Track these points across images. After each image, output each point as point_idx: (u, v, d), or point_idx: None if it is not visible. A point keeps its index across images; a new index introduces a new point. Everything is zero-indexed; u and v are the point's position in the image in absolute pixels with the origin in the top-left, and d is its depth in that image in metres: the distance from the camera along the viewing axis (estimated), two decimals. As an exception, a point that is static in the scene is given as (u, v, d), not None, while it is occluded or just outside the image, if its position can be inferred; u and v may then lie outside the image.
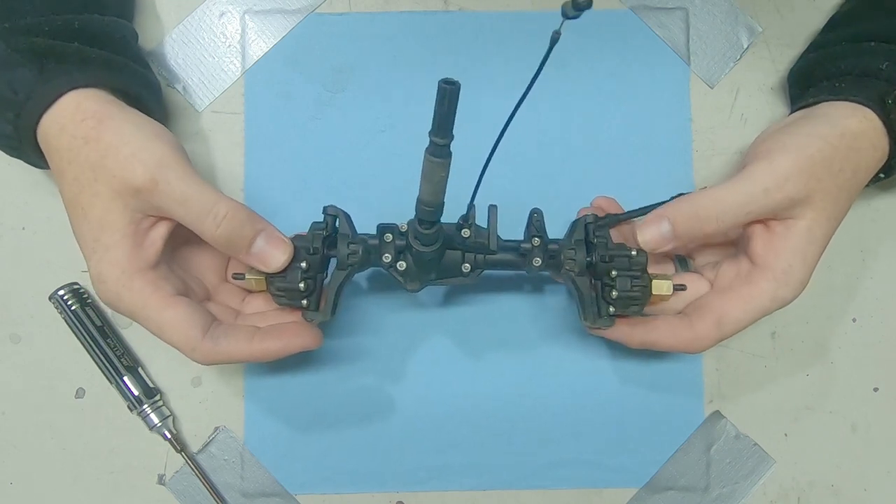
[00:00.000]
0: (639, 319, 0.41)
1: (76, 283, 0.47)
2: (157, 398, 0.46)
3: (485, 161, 0.32)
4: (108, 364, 0.46)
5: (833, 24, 0.47)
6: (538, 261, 0.41)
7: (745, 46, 0.49)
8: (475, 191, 0.35)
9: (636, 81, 0.49)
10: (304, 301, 0.40)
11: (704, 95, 0.49)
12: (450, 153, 0.31)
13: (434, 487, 0.47)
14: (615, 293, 0.39)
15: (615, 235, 0.44)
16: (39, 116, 0.38)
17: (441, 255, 0.40)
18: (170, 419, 0.47)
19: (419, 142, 0.31)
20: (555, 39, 0.25)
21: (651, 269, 0.41)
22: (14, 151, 0.41)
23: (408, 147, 0.48)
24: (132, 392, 0.46)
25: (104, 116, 0.38)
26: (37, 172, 0.47)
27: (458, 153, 0.35)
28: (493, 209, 0.40)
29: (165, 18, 0.49)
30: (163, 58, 0.49)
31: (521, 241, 0.41)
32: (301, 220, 0.42)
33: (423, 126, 0.31)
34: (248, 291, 0.44)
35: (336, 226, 0.42)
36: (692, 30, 0.49)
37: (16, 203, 0.48)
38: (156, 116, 0.42)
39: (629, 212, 0.44)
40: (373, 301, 0.48)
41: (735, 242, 0.44)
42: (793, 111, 0.46)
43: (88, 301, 0.47)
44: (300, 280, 0.39)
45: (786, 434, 0.48)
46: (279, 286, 0.40)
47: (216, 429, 0.48)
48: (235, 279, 0.42)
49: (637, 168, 0.48)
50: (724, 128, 0.49)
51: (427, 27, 0.49)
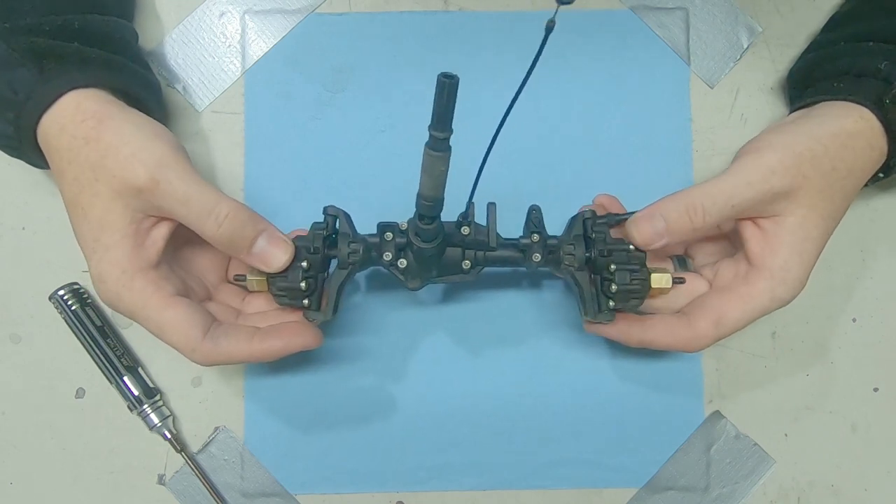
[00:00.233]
0: (637, 318, 0.41)
1: (76, 283, 0.47)
2: (157, 398, 0.46)
3: (482, 158, 0.32)
4: (108, 364, 0.46)
5: (832, 25, 0.47)
6: (538, 256, 0.41)
7: (745, 46, 0.49)
8: (474, 187, 0.35)
9: (636, 81, 0.49)
10: (306, 301, 0.40)
11: (704, 95, 0.49)
12: (449, 147, 0.31)
13: (434, 487, 0.47)
14: (614, 287, 0.39)
15: (614, 234, 0.44)
16: (39, 116, 0.38)
17: (441, 252, 0.40)
18: (170, 419, 0.47)
19: (419, 142, 0.31)
20: (549, 29, 0.25)
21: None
22: (14, 152, 0.41)
23: (408, 147, 0.48)
24: (132, 392, 0.46)
25: (104, 116, 0.38)
26: (37, 172, 0.47)
27: (459, 152, 0.35)
28: (492, 207, 0.41)
29: (165, 18, 0.49)
30: (163, 58, 0.49)
31: (521, 237, 0.42)
32: (301, 220, 0.42)
33: (423, 126, 0.31)
34: (249, 291, 0.44)
35: (336, 226, 0.42)
36: (692, 30, 0.49)
37: (16, 203, 0.48)
38: (156, 117, 0.41)
39: (630, 213, 0.44)
40: (372, 300, 0.48)
41: (733, 242, 0.44)
42: (792, 111, 0.46)
43: (88, 301, 0.47)
44: (301, 279, 0.39)
45: (786, 434, 0.48)
46: (280, 286, 0.40)
47: (216, 429, 0.48)
48: (237, 281, 0.42)
49: (637, 168, 0.48)
50: (724, 128, 0.49)
51: (427, 27, 0.49)
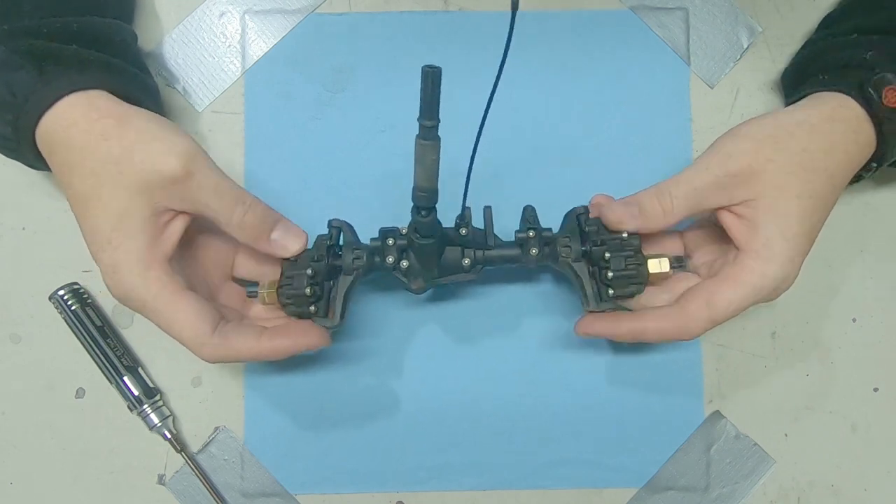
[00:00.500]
0: (629, 312, 0.41)
1: (76, 283, 0.47)
2: (157, 398, 0.46)
3: (471, 155, 0.33)
4: (108, 364, 0.46)
5: (826, 23, 0.48)
6: (535, 250, 0.41)
7: (745, 46, 0.49)
8: (467, 184, 0.36)
9: (636, 81, 0.49)
10: (312, 307, 0.41)
11: (704, 95, 0.49)
12: (438, 136, 0.32)
13: (434, 487, 0.47)
14: (610, 274, 0.40)
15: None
16: (38, 118, 0.38)
17: (441, 249, 0.40)
18: (170, 419, 0.47)
19: (415, 136, 0.32)
20: (515, 6, 0.26)
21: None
22: (12, 153, 0.41)
23: (408, 147, 0.48)
24: (132, 392, 0.46)
25: (122, 115, 0.38)
26: (36, 173, 0.47)
27: (459, 152, 0.35)
28: (488, 210, 0.42)
29: (165, 19, 0.49)
30: (162, 58, 0.49)
31: (518, 232, 0.42)
32: (301, 221, 0.42)
33: (422, 125, 0.31)
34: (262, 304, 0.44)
35: (340, 237, 0.43)
36: (692, 30, 0.49)
37: (16, 203, 0.48)
38: None
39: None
40: (373, 301, 0.48)
41: (727, 240, 0.44)
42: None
43: (88, 301, 0.47)
44: (306, 285, 0.40)
45: (786, 434, 0.48)
46: (287, 293, 0.40)
47: (216, 429, 0.48)
48: (249, 296, 0.43)
49: (637, 168, 0.48)
50: (724, 128, 0.48)
51: (427, 27, 0.49)
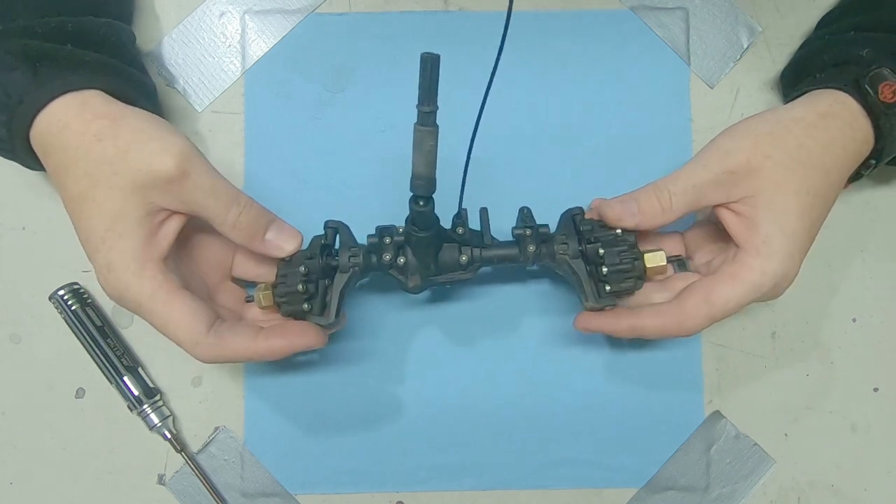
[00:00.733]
0: (627, 309, 0.42)
1: (76, 283, 0.47)
2: (157, 398, 0.46)
3: (467, 154, 0.33)
4: (108, 364, 0.46)
5: (824, 22, 0.48)
6: (533, 247, 0.41)
7: (745, 46, 0.49)
8: (463, 183, 0.36)
9: (636, 81, 0.49)
10: (306, 305, 0.40)
11: (704, 95, 0.49)
12: (436, 122, 0.32)
13: (434, 487, 0.47)
14: (605, 269, 0.40)
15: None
16: (32, 119, 0.38)
17: (439, 244, 0.41)
18: (170, 419, 0.47)
19: (414, 124, 0.32)
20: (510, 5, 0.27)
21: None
22: (7, 154, 0.41)
23: (408, 147, 0.48)
24: (132, 392, 0.46)
25: (117, 116, 0.38)
26: (36, 173, 0.47)
27: (459, 152, 0.35)
28: (485, 211, 0.43)
29: (165, 19, 0.49)
30: (162, 58, 0.49)
31: (514, 228, 0.42)
32: (301, 221, 0.42)
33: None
34: (258, 307, 0.44)
35: (337, 238, 0.43)
36: (692, 30, 0.49)
37: (16, 203, 0.48)
38: None
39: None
40: (372, 302, 0.48)
41: (727, 239, 0.44)
42: None
43: (88, 301, 0.47)
44: (299, 282, 0.40)
45: (786, 434, 0.48)
46: (280, 291, 0.41)
47: (216, 429, 0.48)
48: (248, 301, 0.43)
49: (637, 168, 0.48)
50: (724, 128, 0.48)
51: (427, 27, 0.49)
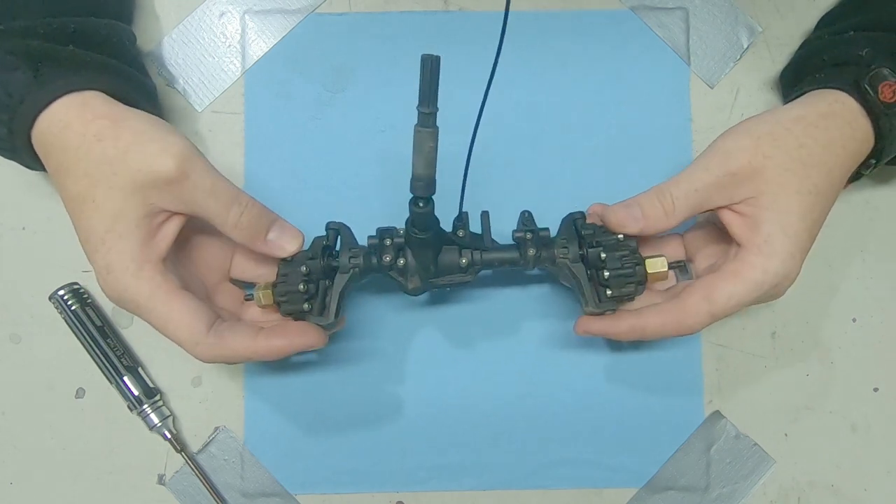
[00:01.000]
0: (627, 310, 0.42)
1: (76, 283, 0.47)
2: (157, 398, 0.46)
3: (467, 155, 0.33)
4: (108, 364, 0.46)
5: (823, 22, 0.48)
6: (533, 251, 0.41)
7: (745, 46, 0.49)
8: (463, 185, 0.36)
9: (636, 81, 0.49)
10: (306, 304, 0.40)
11: (704, 95, 0.49)
12: (436, 124, 0.32)
13: (434, 487, 0.47)
14: (607, 273, 0.40)
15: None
16: (34, 119, 0.38)
17: (439, 246, 0.41)
18: (170, 419, 0.47)
19: (414, 125, 0.32)
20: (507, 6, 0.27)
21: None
22: (8, 153, 0.41)
23: (408, 147, 0.48)
24: (132, 392, 0.46)
25: (117, 116, 0.38)
26: (36, 173, 0.47)
27: (459, 152, 0.35)
28: (486, 214, 0.43)
29: (165, 19, 0.49)
30: (162, 58, 0.49)
31: (515, 231, 0.42)
32: (300, 221, 0.42)
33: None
34: (258, 306, 0.44)
35: (338, 239, 0.43)
36: (692, 30, 0.49)
37: (16, 203, 0.48)
38: None
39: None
40: (372, 302, 0.48)
41: (728, 241, 0.44)
42: None
43: (88, 301, 0.47)
44: (300, 282, 0.40)
45: (786, 434, 0.48)
46: (281, 291, 0.41)
47: (216, 429, 0.48)
48: (247, 300, 0.43)
49: (637, 168, 0.48)
50: (724, 128, 0.48)
51: (427, 27, 0.49)
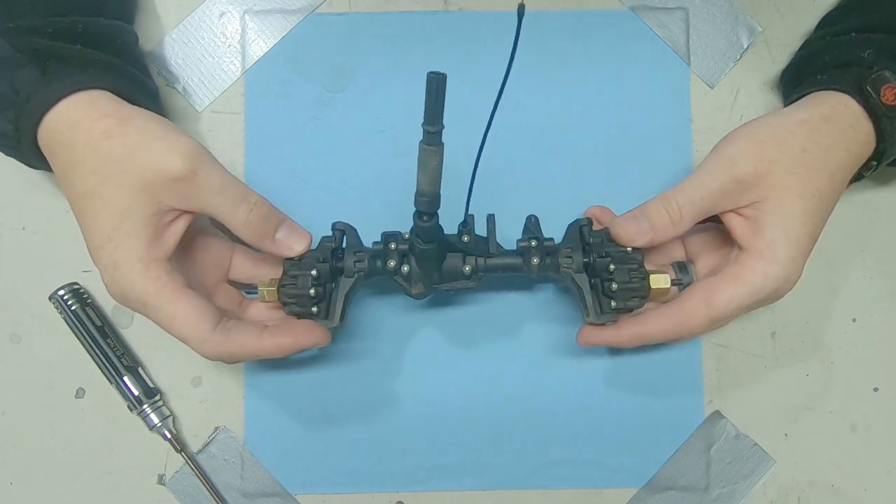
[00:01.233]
0: (628, 318, 0.41)
1: (76, 283, 0.47)
2: (157, 398, 0.46)
3: (475, 162, 0.33)
4: (108, 364, 0.46)
5: (824, 23, 0.48)
6: (536, 260, 0.41)
7: (745, 46, 0.49)
8: (470, 188, 0.36)
9: (636, 81, 0.49)
10: (315, 308, 0.41)
11: (704, 95, 0.49)
12: (441, 141, 0.32)
13: (434, 487, 0.47)
14: (615, 285, 0.40)
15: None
16: (41, 117, 0.38)
17: (442, 254, 0.40)
18: (170, 419, 0.47)
19: (419, 141, 0.32)
20: (521, 12, 0.26)
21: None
22: (11, 151, 0.41)
23: (408, 147, 0.48)
24: (132, 392, 0.46)
25: (124, 115, 0.38)
26: (37, 172, 0.47)
27: (459, 152, 0.35)
28: (491, 217, 0.42)
29: (165, 18, 0.49)
30: (163, 58, 0.49)
31: (519, 240, 0.42)
32: (301, 220, 0.42)
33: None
34: (260, 301, 0.44)
35: (344, 240, 0.43)
36: (692, 30, 0.49)
37: (16, 203, 0.48)
38: None
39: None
40: (373, 302, 0.48)
41: (730, 243, 0.44)
42: None
43: (88, 301, 0.47)
44: (311, 286, 0.40)
45: (786, 434, 0.48)
46: (291, 293, 0.40)
47: (216, 429, 0.48)
48: (248, 295, 0.43)
49: (637, 168, 0.48)
50: (724, 128, 0.48)
51: (427, 27, 0.49)
